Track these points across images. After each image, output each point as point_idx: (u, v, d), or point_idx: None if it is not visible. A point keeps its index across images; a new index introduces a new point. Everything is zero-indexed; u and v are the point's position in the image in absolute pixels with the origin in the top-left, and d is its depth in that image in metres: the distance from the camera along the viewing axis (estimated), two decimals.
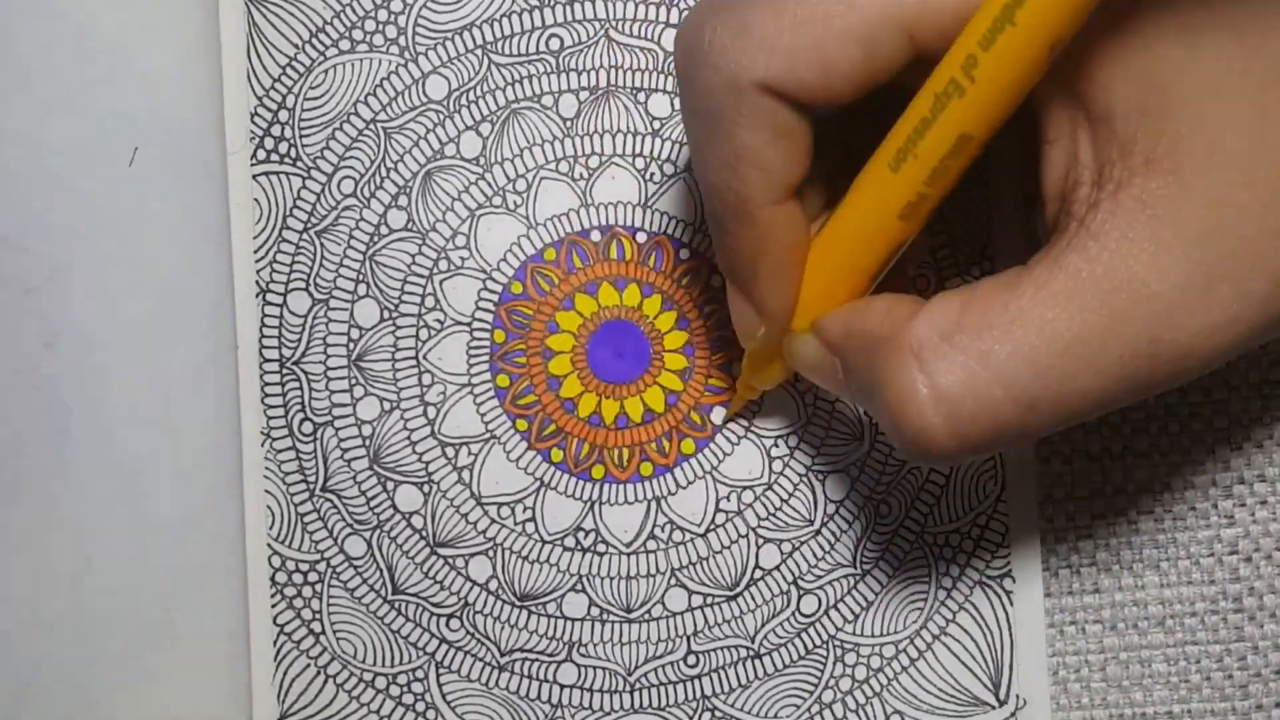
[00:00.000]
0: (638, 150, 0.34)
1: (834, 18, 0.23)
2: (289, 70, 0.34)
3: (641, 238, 0.34)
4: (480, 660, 0.34)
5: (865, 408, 0.28)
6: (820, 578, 0.34)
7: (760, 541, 0.34)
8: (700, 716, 0.34)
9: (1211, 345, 0.24)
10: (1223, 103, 0.23)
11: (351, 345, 0.34)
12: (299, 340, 0.34)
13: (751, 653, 0.34)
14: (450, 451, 0.34)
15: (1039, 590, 0.34)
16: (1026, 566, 0.34)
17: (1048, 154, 0.26)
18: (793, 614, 0.34)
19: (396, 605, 0.34)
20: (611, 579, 0.34)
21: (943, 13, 0.23)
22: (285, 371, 0.34)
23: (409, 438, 0.34)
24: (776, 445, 0.34)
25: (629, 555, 0.34)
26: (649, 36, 0.34)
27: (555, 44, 0.34)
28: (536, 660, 0.34)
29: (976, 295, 0.25)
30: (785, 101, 0.24)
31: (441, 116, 0.34)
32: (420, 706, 0.34)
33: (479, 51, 0.34)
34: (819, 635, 0.34)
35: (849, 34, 0.23)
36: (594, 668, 0.34)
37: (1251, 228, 0.23)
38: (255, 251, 0.34)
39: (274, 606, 0.34)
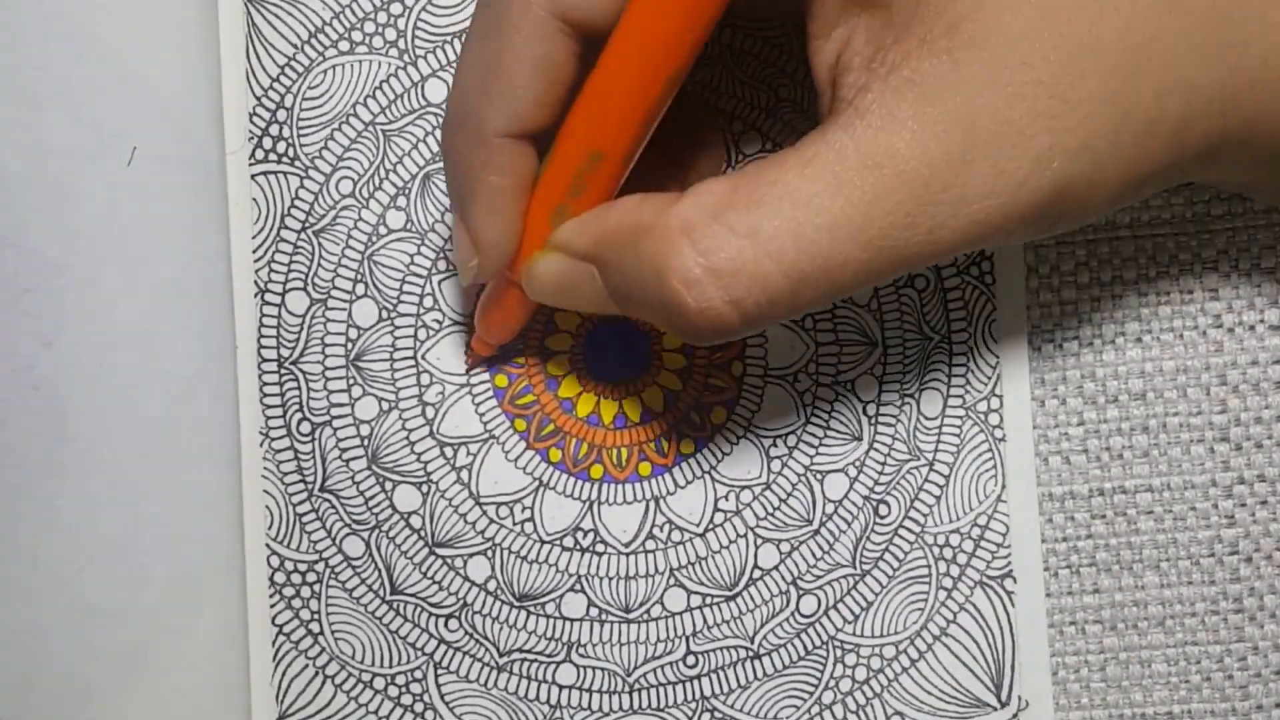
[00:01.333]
0: None
1: None
2: (288, 70, 0.34)
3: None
4: (479, 661, 0.34)
5: (630, 308, 0.27)
6: (819, 578, 0.34)
7: (759, 541, 0.34)
8: (699, 717, 0.34)
9: (969, 216, 0.24)
10: None
11: (350, 345, 0.34)
12: (297, 340, 0.34)
13: (751, 653, 0.34)
14: (449, 451, 0.34)
15: (1040, 590, 0.34)
16: (1027, 566, 0.34)
17: (817, 47, 0.26)
18: (792, 614, 0.34)
19: (395, 605, 0.34)
20: (610, 579, 0.34)
21: None
22: (283, 371, 0.34)
23: (407, 438, 0.34)
24: (775, 445, 0.34)
25: (628, 555, 0.34)
26: None
27: None
28: (535, 661, 0.34)
29: (745, 175, 0.25)
30: (569, 29, 0.26)
31: (441, 120, 0.34)
32: (419, 707, 0.34)
33: None
34: (819, 636, 0.34)
35: None
36: (593, 668, 0.34)
37: (1021, 108, 0.24)
38: (254, 251, 0.34)
39: (272, 607, 0.34)
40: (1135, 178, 0.25)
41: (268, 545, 0.34)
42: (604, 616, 0.34)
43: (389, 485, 0.34)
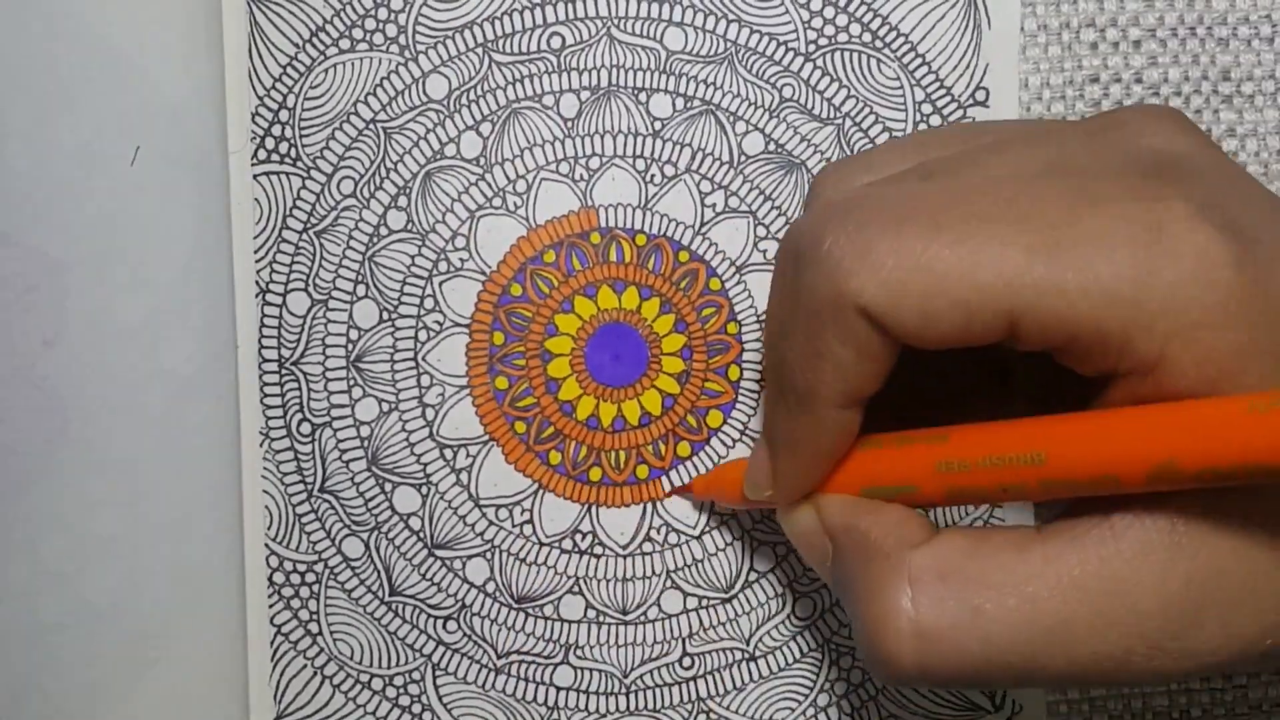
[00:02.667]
0: (638, 151, 0.34)
1: (948, 279, 0.23)
2: (289, 70, 0.34)
3: (641, 240, 0.34)
4: (477, 662, 0.34)
5: (839, 597, 0.28)
6: (815, 580, 0.34)
7: (755, 544, 0.34)
8: (696, 719, 0.34)
9: (1183, 670, 0.24)
10: None
11: (350, 346, 0.34)
12: (298, 341, 0.34)
13: (747, 655, 0.34)
14: (448, 453, 0.34)
15: None
16: None
17: None
18: (788, 617, 0.34)
19: (394, 606, 0.34)
20: (608, 581, 0.34)
21: (1047, 311, 0.23)
22: (284, 372, 0.34)
23: (407, 439, 0.34)
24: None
25: (625, 557, 0.34)
26: (651, 35, 0.34)
27: (556, 42, 0.34)
28: (533, 662, 0.34)
29: (985, 546, 0.25)
30: (879, 331, 0.24)
31: (442, 116, 0.34)
32: (416, 708, 0.34)
33: (479, 50, 0.34)
34: (815, 638, 0.34)
35: (957, 298, 0.23)
36: (590, 670, 0.34)
37: (1261, 582, 0.23)
38: (255, 251, 0.34)
39: (271, 607, 0.34)
40: None
41: (267, 545, 0.34)
42: (602, 618, 0.34)
43: (388, 486, 0.34)
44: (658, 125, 0.34)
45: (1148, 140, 0.26)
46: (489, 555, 0.34)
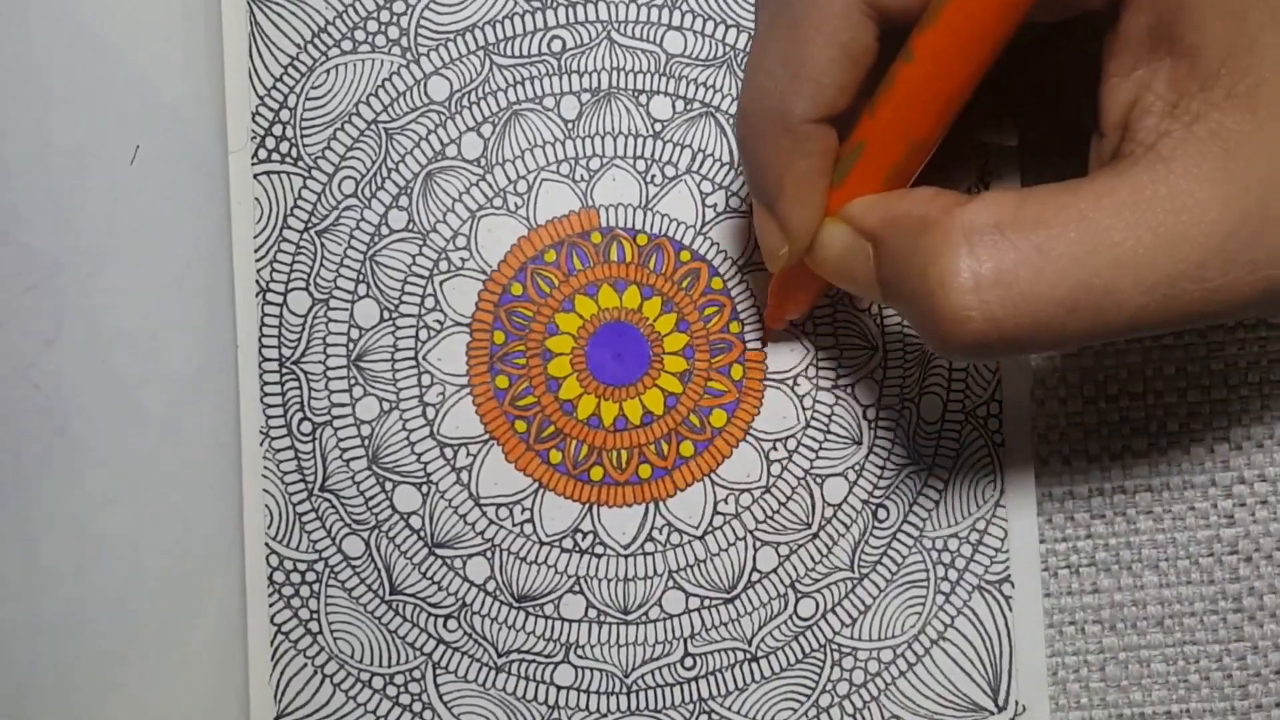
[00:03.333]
0: (639, 152, 0.34)
1: None
2: (291, 70, 0.34)
3: (642, 240, 0.34)
4: (477, 661, 0.34)
5: (891, 300, 0.27)
6: (818, 581, 0.34)
7: (758, 544, 0.34)
8: (697, 719, 0.34)
9: (1252, 282, 0.24)
10: None
11: (351, 345, 0.34)
12: (299, 340, 0.34)
13: (748, 655, 0.34)
14: (449, 452, 0.34)
15: (1038, 595, 0.34)
16: (1025, 571, 0.34)
17: (1113, 86, 0.26)
18: (790, 617, 0.34)
19: (394, 605, 0.34)
20: (609, 580, 0.34)
21: None
22: (285, 371, 0.34)
23: (408, 438, 0.34)
24: (775, 448, 0.34)
25: (627, 557, 0.34)
26: (651, 39, 0.34)
27: (557, 45, 0.34)
28: (534, 661, 0.34)
29: (1035, 194, 0.25)
30: (874, 14, 0.25)
31: (443, 117, 0.34)
32: (417, 707, 0.34)
33: (481, 53, 0.34)
34: (817, 639, 0.34)
35: None
36: (591, 669, 0.34)
37: None
38: (255, 251, 0.34)
39: (271, 606, 0.34)
40: None
41: (267, 544, 0.34)
42: (602, 618, 0.34)
43: (389, 485, 0.34)
44: (658, 127, 0.34)
45: None
46: (489, 554, 0.34)
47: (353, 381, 0.34)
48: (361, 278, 0.34)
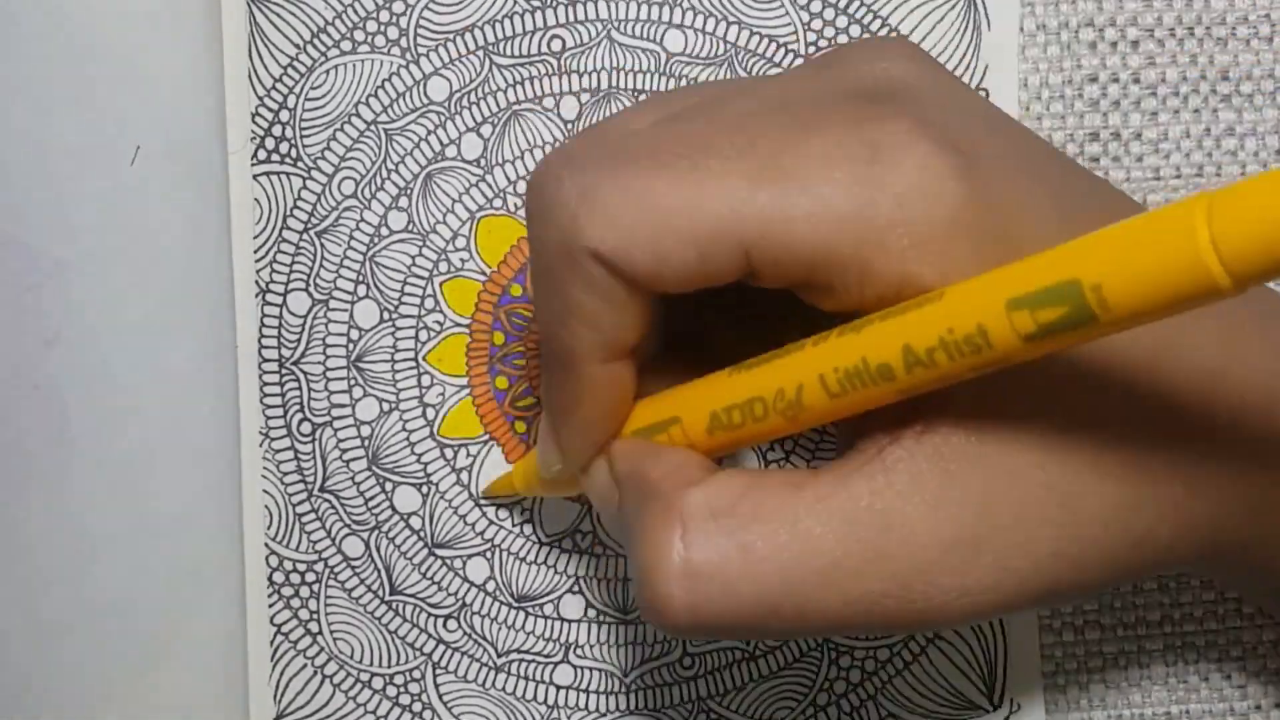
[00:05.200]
0: None
1: (674, 215, 0.23)
2: (290, 70, 0.34)
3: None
4: (477, 661, 0.34)
5: (627, 551, 0.27)
6: None
7: None
8: (696, 718, 0.34)
9: (962, 607, 0.23)
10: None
11: (351, 346, 0.34)
12: (298, 340, 0.34)
13: (747, 655, 0.34)
14: (449, 453, 0.34)
15: None
16: None
17: None
18: None
19: (394, 606, 0.34)
20: (609, 580, 0.34)
21: (779, 242, 0.23)
22: (284, 372, 0.34)
23: (408, 439, 0.34)
24: (771, 448, 0.34)
25: (626, 557, 0.34)
26: (651, 37, 0.34)
27: (557, 45, 0.34)
28: (533, 661, 0.34)
29: (761, 485, 0.24)
30: (618, 277, 0.24)
31: (443, 118, 0.34)
32: (417, 707, 0.34)
33: (481, 53, 0.34)
34: (814, 638, 0.34)
35: (686, 235, 0.23)
36: (590, 669, 0.34)
37: (1032, 510, 0.23)
38: (255, 251, 0.34)
39: (271, 607, 0.34)
40: (1123, 579, 0.25)
41: (267, 545, 0.34)
42: (602, 618, 0.34)
43: (389, 486, 0.34)
44: None
45: (870, 68, 0.25)
46: (489, 554, 0.34)
47: (352, 382, 0.34)
48: (361, 278, 0.34)
